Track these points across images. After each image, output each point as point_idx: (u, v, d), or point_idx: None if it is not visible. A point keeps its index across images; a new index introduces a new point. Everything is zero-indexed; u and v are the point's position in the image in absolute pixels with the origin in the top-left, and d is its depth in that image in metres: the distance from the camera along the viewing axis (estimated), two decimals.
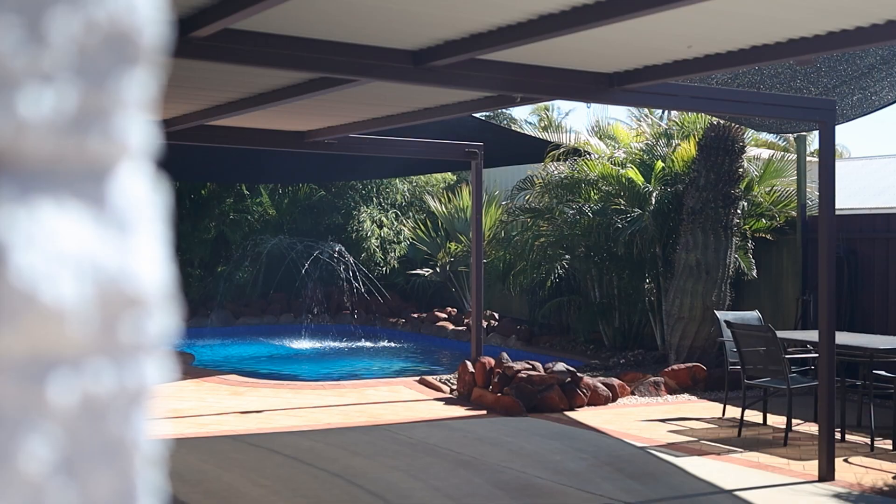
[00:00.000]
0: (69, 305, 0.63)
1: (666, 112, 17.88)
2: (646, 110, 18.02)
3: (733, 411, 10.89)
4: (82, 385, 0.64)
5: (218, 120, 10.40)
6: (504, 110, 35.85)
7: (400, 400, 12.21)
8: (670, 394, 12.58)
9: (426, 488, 7.91)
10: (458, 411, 11.50)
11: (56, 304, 0.62)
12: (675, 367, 12.99)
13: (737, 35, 6.74)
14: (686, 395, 12.51)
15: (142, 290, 0.67)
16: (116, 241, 0.66)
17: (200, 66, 7.45)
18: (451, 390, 12.65)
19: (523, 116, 35.59)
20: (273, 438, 9.81)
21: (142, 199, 0.68)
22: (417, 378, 13.61)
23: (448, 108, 9.68)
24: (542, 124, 33.29)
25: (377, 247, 23.05)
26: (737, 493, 7.90)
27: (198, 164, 17.65)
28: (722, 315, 11.56)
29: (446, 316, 21.22)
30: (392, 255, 23.31)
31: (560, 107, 38.80)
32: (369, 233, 22.93)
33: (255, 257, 22.96)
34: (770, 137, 22.25)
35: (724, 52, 7.09)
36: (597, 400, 11.86)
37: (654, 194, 14.88)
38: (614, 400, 12.10)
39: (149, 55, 0.68)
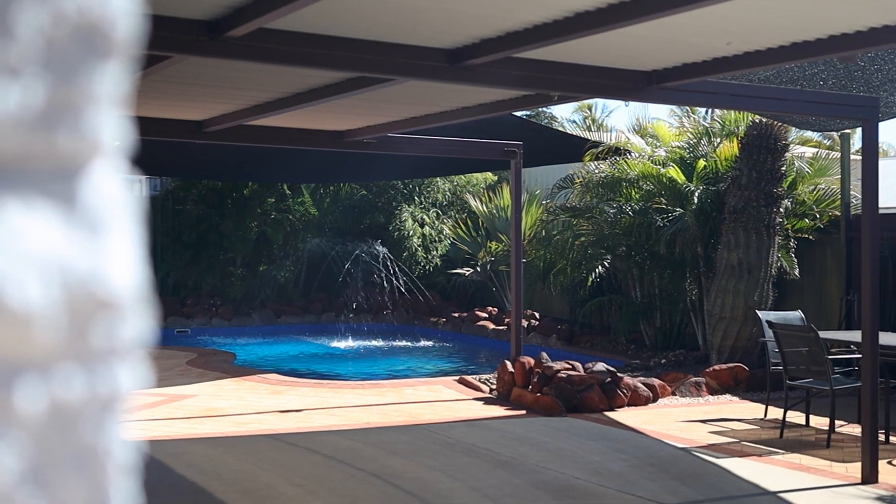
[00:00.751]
0: (36, 309, 0.60)
1: (709, 110, 17.72)
2: (688, 108, 17.88)
3: (775, 412, 10.78)
4: (51, 391, 0.62)
5: (257, 120, 10.43)
6: (545, 109, 35.79)
7: (439, 399, 12.18)
8: (712, 394, 12.47)
9: (465, 488, 7.88)
10: (498, 411, 11.46)
11: (23, 308, 0.60)
12: (716, 367, 12.87)
13: (777, 31, 6.65)
14: (728, 396, 12.40)
15: (114, 292, 0.64)
16: (87, 242, 0.63)
17: (237, 65, 7.46)
18: (491, 390, 12.61)
19: (565, 115, 35.49)
20: (311, 438, 9.82)
21: (114, 199, 0.66)
22: (457, 378, 13.58)
23: (485, 106, 9.64)
24: (587, 123, 33.17)
25: (419, 245, 23.04)
26: (780, 494, 7.80)
27: (239, 163, 17.73)
28: (764, 315, 11.44)
29: (487, 315, 21.18)
30: (434, 253, 23.30)
31: (606, 104, 38.61)
32: (411, 232, 22.93)
33: (296, 256, 23.04)
34: (815, 136, 22.02)
35: (764, 49, 7.00)
36: (637, 400, 11.78)
37: (696, 193, 14.76)
38: (655, 400, 12.00)
39: (122, 48, 0.66)
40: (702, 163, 15.18)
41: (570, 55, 7.39)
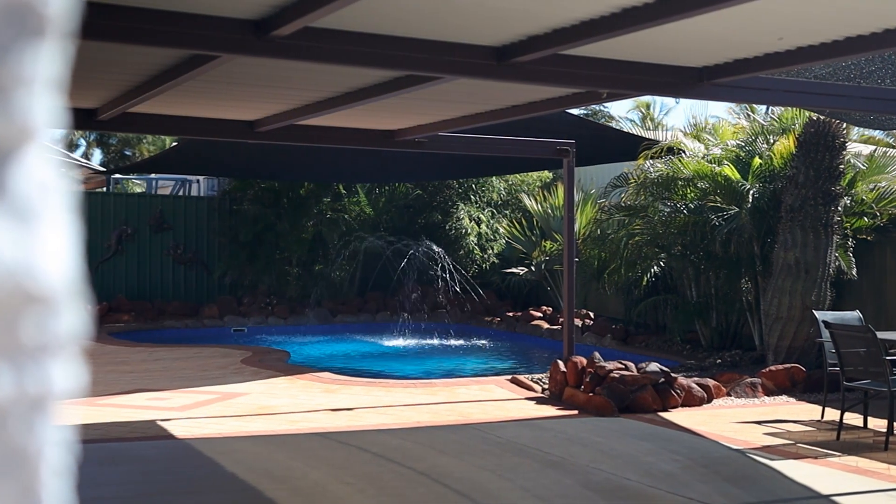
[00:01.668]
0: None
1: (769, 108, 17.47)
2: (747, 106, 17.65)
3: (832, 414, 10.60)
4: None
5: (307, 119, 10.45)
6: (602, 108, 35.61)
7: (491, 399, 12.14)
8: (767, 395, 12.30)
9: (514, 488, 7.83)
10: (549, 411, 11.39)
11: None
12: (772, 368, 12.69)
13: (830, 25, 6.52)
14: (784, 397, 12.22)
15: (45, 286, 0.61)
16: (16, 233, 0.60)
17: (286, 65, 7.47)
18: (543, 390, 12.53)
19: (622, 114, 35.30)
20: (362, 436, 9.82)
21: (47, 187, 0.62)
22: (509, 377, 13.52)
23: (536, 105, 9.58)
24: (645, 122, 32.96)
25: (475, 244, 23.01)
26: (834, 497, 7.66)
27: (294, 164, 17.82)
28: (821, 315, 11.26)
29: (541, 315, 21.12)
30: (490, 252, 23.25)
31: (665, 103, 38.36)
32: (468, 230, 22.91)
33: (351, 256, 23.11)
34: (877, 134, 21.66)
35: (817, 44, 6.88)
36: (691, 401, 11.65)
37: (752, 192, 14.57)
38: (709, 401, 11.87)
39: (56, 28, 0.62)
40: (757, 160, 14.97)
41: (619, 52, 7.31)
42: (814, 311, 11.88)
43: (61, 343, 0.62)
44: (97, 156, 52.99)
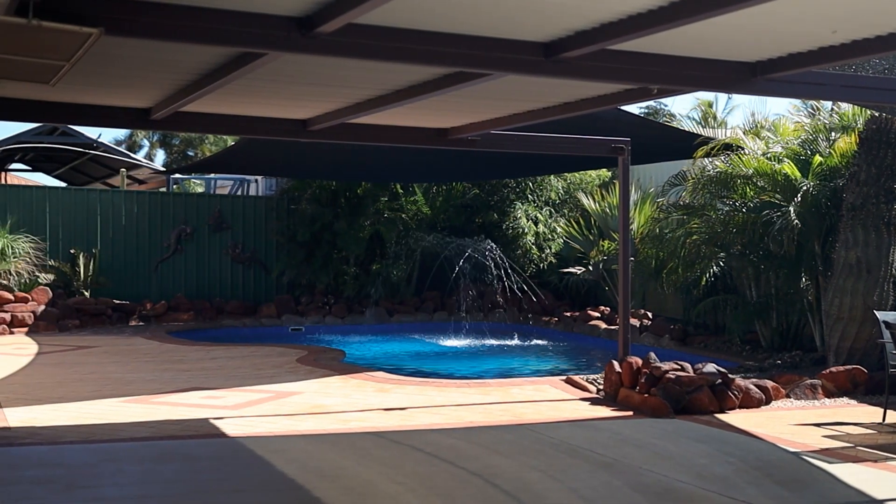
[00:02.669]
0: None
1: (834, 104, 17.12)
2: (813, 103, 17.30)
3: (894, 416, 10.37)
4: None
5: (359, 118, 10.43)
6: (662, 106, 35.30)
7: (545, 399, 12.05)
8: (828, 397, 12.08)
9: (563, 489, 7.75)
10: (604, 412, 11.28)
11: None
12: (833, 369, 12.46)
13: (885, 17, 6.35)
14: (845, 399, 11.99)
15: None
16: None
17: (334, 62, 7.45)
18: (598, 390, 12.42)
19: (684, 112, 35.01)
20: (414, 436, 9.78)
21: None
22: (564, 377, 13.42)
23: (587, 102, 9.47)
24: (707, 120, 32.62)
25: (533, 244, 22.92)
26: (888, 502, 7.49)
27: (350, 163, 17.85)
28: (882, 315, 11.03)
29: (599, 315, 20.98)
30: (547, 252, 23.15)
31: (728, 100, 37.99)
32: (526, 230, 22.82)
33: (409, 255, 23.13)
34: None
35: (873, 37, 6.71)
36: (749, 402, 11.47)
37: (809, 189, 14.31)
38: (768, 403, 11.67)
39: None
40: (818, 158, 14.71)
41: (668, 47, 7.20)
42: (875, 312, 11.64)
43: None
44: (160, 156, 53.65)
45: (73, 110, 10.39)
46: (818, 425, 10.44)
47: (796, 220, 14.26)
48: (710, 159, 16.02)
